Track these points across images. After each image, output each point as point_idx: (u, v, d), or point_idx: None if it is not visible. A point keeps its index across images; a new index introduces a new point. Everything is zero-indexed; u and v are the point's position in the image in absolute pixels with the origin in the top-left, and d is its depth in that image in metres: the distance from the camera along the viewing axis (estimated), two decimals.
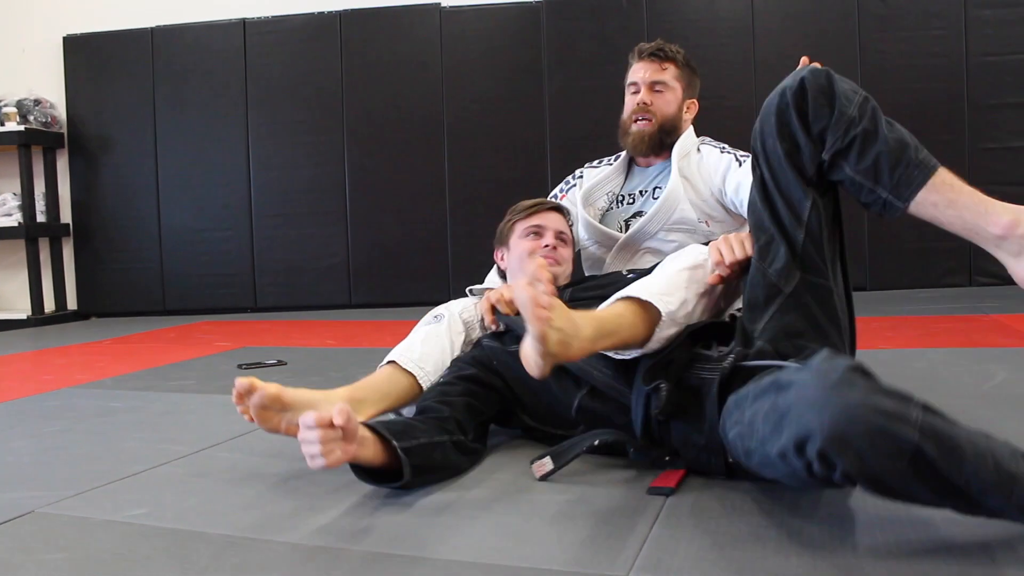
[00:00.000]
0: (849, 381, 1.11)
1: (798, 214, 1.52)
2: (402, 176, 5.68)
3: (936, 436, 1.07)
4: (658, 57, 2.40)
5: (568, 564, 1.24)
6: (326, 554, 1.33)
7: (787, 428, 1.16)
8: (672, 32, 5.18)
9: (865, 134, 1.46)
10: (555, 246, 2.16)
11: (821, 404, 1.10)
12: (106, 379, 3.20)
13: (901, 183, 1.44)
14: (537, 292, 1.36)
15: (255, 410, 1.68)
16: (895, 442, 1.06)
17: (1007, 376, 2.44)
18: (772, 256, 1.55)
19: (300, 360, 3.46)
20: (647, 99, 2.38)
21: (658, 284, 1.63)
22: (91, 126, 6.05)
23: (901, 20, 5.06)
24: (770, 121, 1.53)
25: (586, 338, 1.46)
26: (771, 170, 1.55)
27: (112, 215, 6.04)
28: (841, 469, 1.10)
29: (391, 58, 5.70)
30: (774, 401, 1.22)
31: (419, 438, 1.60)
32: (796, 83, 1.51)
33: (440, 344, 2.03)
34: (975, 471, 1.07)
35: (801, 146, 1.51)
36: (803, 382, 1.16)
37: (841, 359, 1.18)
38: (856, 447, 1.07)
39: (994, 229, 1.40)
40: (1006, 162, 4.92)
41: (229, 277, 5.89)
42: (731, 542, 1.28)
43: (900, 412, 1.07)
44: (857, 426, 1.07)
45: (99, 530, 1.48)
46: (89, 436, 2.23)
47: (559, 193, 2.56)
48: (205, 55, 5.87)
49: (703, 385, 1.56)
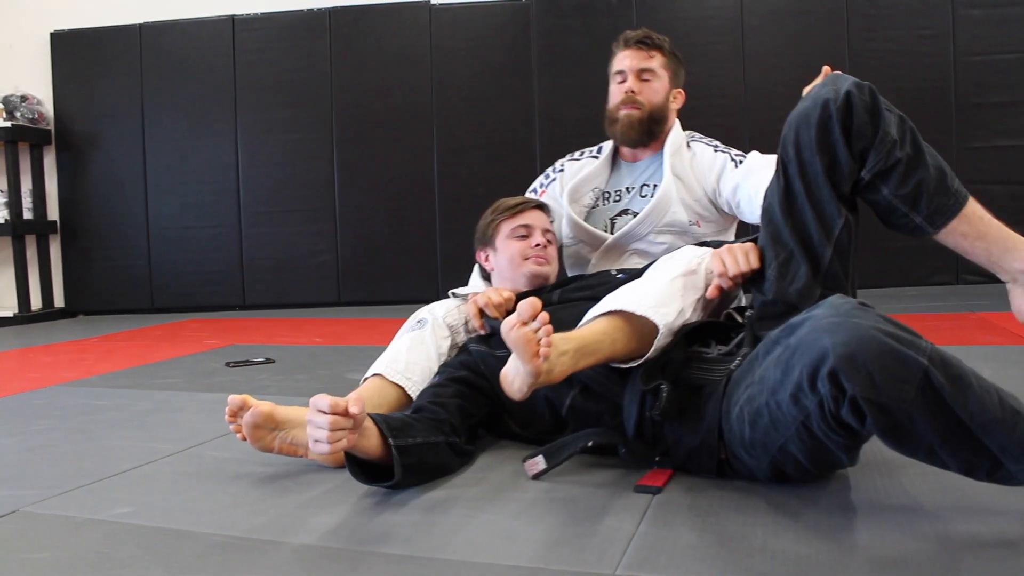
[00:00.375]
0: (862, 309, 1.16)
1: (829, 230, 1.50)
2: (391, 173, 5.68)
3: (944, 364, 1.11)
4: (645, 45, 2.37)
5: (556, 562, 1.24)
6: (314, 553, 1.33)
7: (799, 361, 1.19)
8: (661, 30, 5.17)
9: (908, 160, 1.46)
10: (544, 245, 2.14)
11: (835, 327, 1.14)
12: (93, 377, 3.19)
13: (937, 211, 1.46)
14: (533, 334, 1.38)
15: (247, 429, 1.70)
16: (905, 365, 1.09)
17: (992, 374, 2.41)
18: (792, 275, 1.52)
19: (288, 358, 3.45)
20: (635, 87, 2.34)
21: (653, 295, 1.60)
22: (79, 122, 6.02)
23: (889, 19, 5.08)
24: (810, 133, 1.50)
25: (567, 361, 1.48)
26: (806, 183, 1.51)
27: (100, 212, 6.01)
28: (850, 393, 1.12)
29: (380, 55, 5.69)
30: (786, 342, 1.25)
31: (415, 436, 1.60)
32: (842, 97, 1.47)
33: (425, 351, 2.01)
34: (980, 403, 1.10)
35: (841, 162, 1.48)
36: (817, 315, 1.20)
37: (848, 302, 1.22)
38: (868, 368, 1.10)
39: (1019, 265, 1.45)
40: (992, 161, 4.95)
41: (217, 274, 5.86)
42: (717, 540, 1.29)
43: (910, 339, 1.12)
44: (869, 346, 1.10)
45: (84, 529, 1.48)
46: (75, 434, 2.21)
47: (539, 188, 2.52)
48: (193, 51, 5.85)
49: (705, 386, 1.55)
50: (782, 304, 1.52)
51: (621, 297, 1.62)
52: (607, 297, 1.67)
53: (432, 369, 1.98)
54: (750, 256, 1.63)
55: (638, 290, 1.63)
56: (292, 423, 1.73)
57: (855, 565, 1.15)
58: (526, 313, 1.38)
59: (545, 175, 2.54)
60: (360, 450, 1.50)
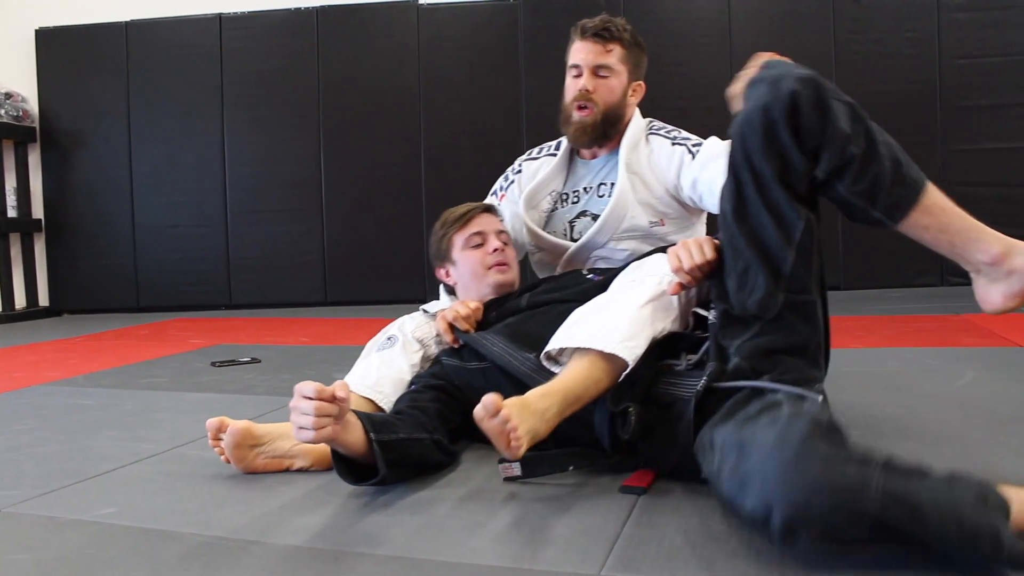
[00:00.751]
0: (808, 453, 1.10)
1: (790, 235, 1.44)
2: (378, 173, 5.67)
3: (898, 501, 1.07)
4: (602, 38, 2.19)
5: (541, 563, 1.24)
6: (299, 553, 1.32)
7: (750, 496, 1.16)
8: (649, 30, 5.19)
9: (863, 155, 1.41)
10: (502, 248, 2.10)
11: (782, 479, 1.10)
12: (77, 376, 3.17)
13: (895, 204, 1.43)
14: (503, 426, 1.39)
15: (229, 451, 1.71)
16: (856, 512, 1.07)
17: (975, 375, 2.47)
18: (751, 286, 1.47)
19: (274, 358, 3.44)
20: (589, 85, 2.20)
21: (622, 328, 1.57)
22: (64, 121, 5.99)
23: (876, 22, 5.11)
24: (756, 139, 1.43)
25: (552, 417, 1.48)
26: (759, 189, 1.44)
27: (85, 211, 5.98)
28: (805, 539, 1.11)
29: (368, 55, 5.68)
30: (736, 462, 1.21)
31: (398, 433, 1.60)
32: (786, 98, 1.40)
33: (397, 366, 1.98)
34: (939, 531, 1.07)
35: (794, 164, 1.42)
36: (764, 450, 1.15)
37: (799, 421, 1.16)
38: (819, 520, 1.08)
39: (983, 257, 1.43)
40: (977, 163, 4.98)
41: (203, 274, 5.85)
42: (702, 540, 1.29)
43: (861, 481, 1.07)
44: (819, 500, 1.07)
45: (67, 530, 1.47)
46: (58, 434, 2.20)
47: (499, 191, 2.44)
48: (180, 50, 5.83)
49: (675, 404, 1.54)
50: (743, 313, 1.49)
51: (590, 328, 1.60)
52: (578, 319, 1.65)
53: (404, 381, 1.95)
54: (704, 248, 1.58)
55: (608, 320, 1.60)
56: (271, 435, 1.74)
57: (840, 566, 1.15)
58: (491, 409, 1.39)
59: (504, 176, 2.47)
60: (343, 444, 1.49)
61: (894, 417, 2.02)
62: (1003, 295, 1.44)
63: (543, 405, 1.47)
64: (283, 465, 1.74)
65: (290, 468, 1.74)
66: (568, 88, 2.27)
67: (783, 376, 1.42)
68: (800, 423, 1.17)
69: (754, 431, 1.22)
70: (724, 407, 1.40)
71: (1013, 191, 4.94)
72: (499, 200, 2.41)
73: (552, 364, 1.67)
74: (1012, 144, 4.97)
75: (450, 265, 2.16)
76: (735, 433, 1.26)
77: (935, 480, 1.12)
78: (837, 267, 4.97)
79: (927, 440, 1.81)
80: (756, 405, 1.33)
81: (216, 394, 2.69)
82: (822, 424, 1.19)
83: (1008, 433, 1.84)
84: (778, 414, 1.23)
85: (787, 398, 1.32)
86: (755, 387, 1.40)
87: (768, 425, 1.21)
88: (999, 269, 1.43)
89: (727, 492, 1.25)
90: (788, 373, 1.43)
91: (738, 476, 1.20)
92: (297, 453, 1.74)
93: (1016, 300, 1.44)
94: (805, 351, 1.48)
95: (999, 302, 1.45)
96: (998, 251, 1.42)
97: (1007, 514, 1.13)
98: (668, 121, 2.32)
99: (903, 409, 2.10)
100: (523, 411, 1.43)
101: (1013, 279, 1.42)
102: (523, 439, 1.41)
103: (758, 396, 1.38)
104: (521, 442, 1.41)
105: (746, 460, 1.18)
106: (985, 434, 1.85)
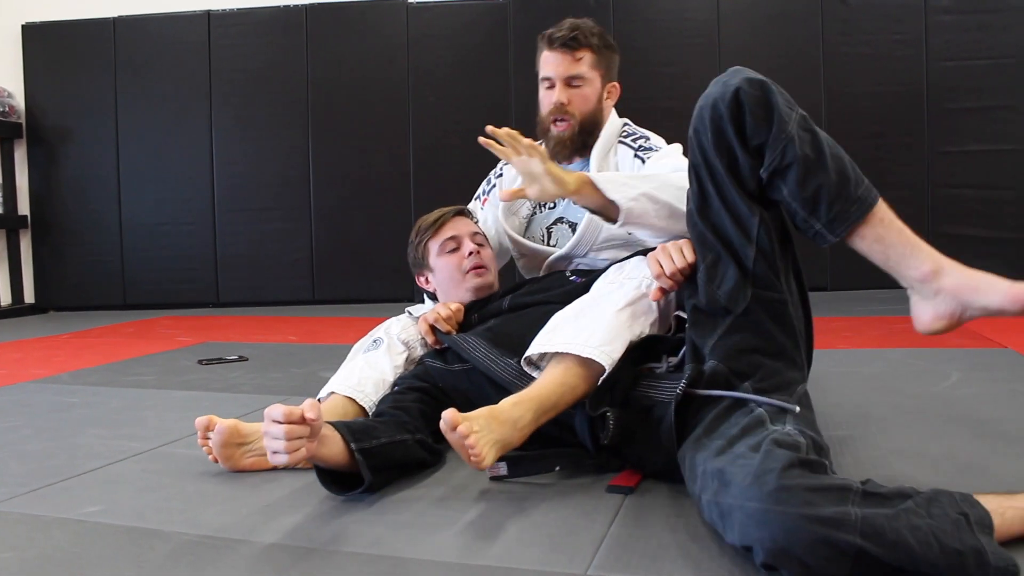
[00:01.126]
0: (786, 490, 1.10)
1: (747, 231, 1.45)
2: (367, 171, 5.66)
3: (877, 534, 1.06)
4: (570, 48, 2.16)
5: (527, 562, 1.24)
6: (285, 552, 1.32)
7: (731, 530, 1.17)
8: (638, 31, 5.21)
9: (807, 161, 1.39)
10: (478, 251, 2.10)
11: (760, 519, 1.10)
12: (62, 374, 3.15)
13: (837, 219, 1.40)
14: (462, 442, 1.39)
15: (217, 450, 1.71)
16: (837, 549, 1.06)
17: (961, 376, 2.48)
18: (720, 277, 1.47)
19: (262, 356, 3.43)
20: (563, 98, 2.18)
21: (599, 332, 1.58)
22: (51, 116, 5.95)
23: (864, 23, 5.13)
24: (707, 135, 1.45)
25: (527, 425, 1.49)
26: (716, 184, 1.46)
27: (72, 207, 5.94)
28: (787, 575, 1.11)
29: (357, 53, 5.67)
30: (716, 493, 1.21)
31: (380, 438, 1.59)
32: (730, 94, 1.41)
33: (380, 367, 1.98)
34: (923, 559, 1.06)
35: (740, 161, 1.43)
36: (743, 484, 1.15)
37: (779, 452, 1.16)
38: (799, 558, 1.08)
39: (914, 273, 1.41)
40: (963, 165, 5.00)
41: (191, 272, 5.82)
42: (689, 540, 1.29)
43: (839, 518, 1.07)
44: (798, 539, 1.07)
45: (52, 528, 1.46)
46: (43, 432, 2.19)
47: (481, 195, 2.43)
48: (168, 47, 5.80)
49: (655, 407, 1.53)
50: (712, 307, 1.49)
51: (568, 333, 1.60)
52: (557, 323, 1.66)
53: (387, 381, 1.95)
54: (684, 251, 1.59)
55: (586, 325, 1.61)
56: (258, 434, 1.74)
57: None
58: (450, 423, 1.40)
59: (487, 180, 2.46)
60: (323, 459, 1.48)
61: (880, 418, 2.03)
62: (931, 315, 1.41)
63: (516, 414, 1.48)
64: (270, 463, 1.73)
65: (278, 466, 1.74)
66: (543, 101, 2.26)
67: (763, 383, 1.41)
68: (780, 453, 1.16)
69: (734, 459, 1.21)
70: (705, 420, 1.39)
71: (997, 193, 4.96)
72: (482, 204, 2.41)
73: (532, 369, 1.67)
74: (997, 147, 4.99)
75: (428, 272, 2.16)
76: (715, 459, 1.25)
77: (914, 504, 1.11)
78: (824, 268, 4.99)
79: (913, 441, 1.82)
80: (738, 420, 1.33)
81: (203, 392, 2.68)
82: (802, 449, 1.19)
83: (991, 434, 1.85)
84: (759, 438, 1.22)
85: (769, 413, 1.32)
86: (736, 398, 1.39)
87: (747, 453, 1.20)
88: (928, 287, 1.40)
89: (708, 519, 1.26)
90: (767, 379, 1.42)
91: (719, 508, 1.20)
92: None
93: (942, 322, 1.40)
94: (782, 352, 1.47)
95: (927, 322, 1.42)
96: (928, 268, 1.39)
97: (990, 529, 1.13)
98: (658, 121, 2.30)
99: (889, 410, 2.11)
100: (491, 422, 1.44)
101: (939, 300, 1.39)
102: (484, 453, 1.41)
103: (739, 408, 1.37)
104: (481, 456, 1.40)
105: (726, 493, 1.18)
106: (970, 435, 1.86)
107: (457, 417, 1.40)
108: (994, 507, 1.16)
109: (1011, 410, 2.08)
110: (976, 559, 1.07)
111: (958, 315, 1.38)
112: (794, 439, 1.22)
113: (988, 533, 1.11)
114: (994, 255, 4.78)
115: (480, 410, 1.45)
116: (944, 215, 4.92)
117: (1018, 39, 4.97)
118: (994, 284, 1.34)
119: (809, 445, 1.23)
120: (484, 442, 1.41)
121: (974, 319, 1.39)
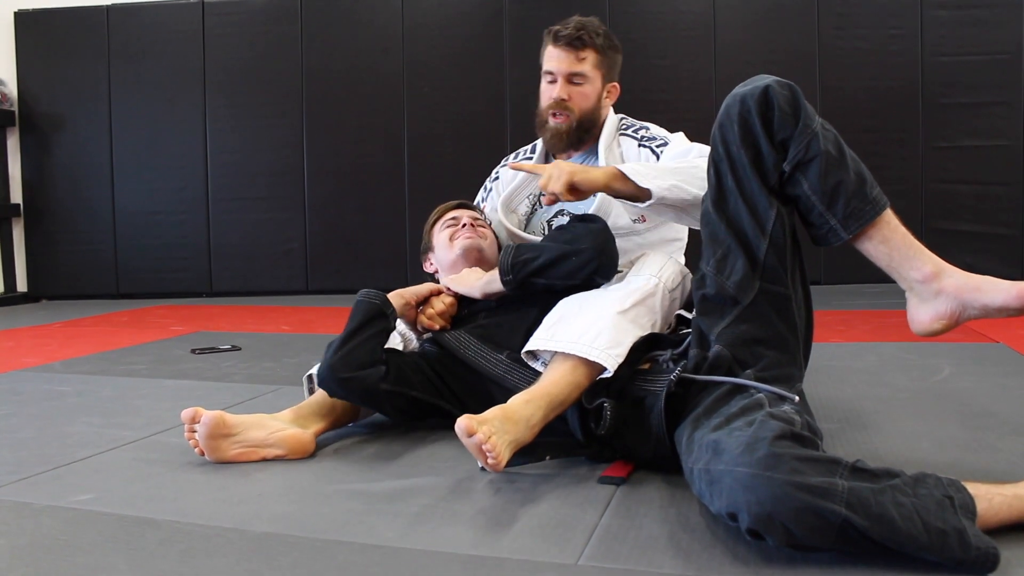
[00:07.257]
0: (775, 457, 1.13)
1: (763, 224, 1.50)
2: (361, 161, 5.65)
3: (863, 506, 1.09)
4: (575, 46, 2.18)
5: (518, 552, 1.24)
6: (276, 540, 1.32)
7: (718, 497, 1.20)
8: (633, 23, 5.20)
9: (829, 157, 1.45)
10: (471, 224, 2.15)
11: (748, 484, 1.12)
12: (55, 363, 3.15)
13: (852, 216, 1.46)
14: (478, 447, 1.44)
15: (204, 442, 1.71)
16: (822, 518, 1.09)
17: (952, 370, 2.49)
18: (730, 269, 1.52)
19: (254, 345, 3.43)
20: (564, 94, 2.20)
21: (605, 334, 1.61)
22: (43, 104, 5.92)
23: (859, 18, 5.13)
24: (733, 128, 1.50)
25: (537, 423, 1.54)
26: (736, 178, 1.51)
27: (64, 196, 5.92)
28: (772, 541, 1.13)
29: (351, 42, 5.65)
30: (708, 461, 1.25)
31: None
32: (759, 91, 1.47)
33: None
34: (906, 535, 1.09)
35: (764, 154, 1.48)
36: (735, 452, 1.18)
37: (773, 422, 1.20)
38: (784, 524, 1.10)
39: (915, 274, 1.46)
40: (956, 160, 5.01)
41: (184, 261, 5.81)
42: (680, 530, 1.30)
43: (826, 487, 1.09)
44: (784, 505, 1.09)
45: (43, 515, 1.46)
46: (35, 420, 2.19)
47: (480, 202, 2.44)
48: (162, 35, 5.77)
49: (647, 397, 1.57)
50: (722, 297, 1.53)
51: (574, 330, 1.64)
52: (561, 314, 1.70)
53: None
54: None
55: (592, 324, 1.64)
56: (244, 425, 1.74)
57: (815, 555, 1.16)
58: (464, 431, 1.44)
59: (484, 187, 2.48)
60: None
61: (872, 411, 2.04)
62: (931, 316, 1.46)
63: (527, 412, 1.52)
64: (257, 455, 1.74)
65: (265, 458, 1.74)
66: (543, 94, 2.28)
67: (765, 372, 1.45)
68: (773, 424, 1.20)
69: (730, 431, 1.25)
70: (706, 401, 1.42)
71: (990, 188, 4.97)
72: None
73: (531, 359, 1.73)
74: (990, 142, 5.00)
75: (431, 253, 2.22)
76: (711, 433, 1.29)
77: (900, 483, 1.14)
78: (817, 262, 4.99)
79: (904, 434, 1.83)
80: (737, 403, 1.36)
81: (196, 381, 2.68)
82: (796, 425, 1.22)
83: (982, 428, 1.86)
84: (755, 416, 1.26)
85: (768, 398, 1.35)
86: (737, 384, 1.42)
87: (743, 427, 1.24)
88: (929, 288, 1.45)
89: (698, 490, 1.29)
90: (770, 369, 1.46)
91: (709, 475, 1.23)
92: (272, 443, 1.74)
93: (942, 323, 1.46)
94: (784, 346, 1.51)
95: (926, 322, 1.47)
96: (930, 270, 1.45)
97: (973, 513, 1.15)
98: (653, 114, 2.31)
99: (881, 403, 2.12)
100: (505, 423, 1.49)
101: (940, 300, 1.44)
102: (501, 454, 1.46)
103: (740, 392, 1.40)
104: (499, 458, 1.45)
105: (718, 461, 1.21)
106: (960, 428, 1.87)
107: (472, 424, 1.44)
108: (982, 493, 1.18)
109: (1002, 404, 2.09)
110: (958, 539, 1.10)
111: (957, 315, 1.44)
112: (789, 416, 1.26)
113: (971, 518, 1.14)
114: (987, 250, 4.81)
115: (493, 411, 1.49)
116: (937, 210, 4.94)
117: (1012, 35, 4.98)
118: (995, 283, 1.40)
119: (804, 424, 1.26)
120: (501, 444, 1.46)
121: (972, 320, 1.45)
